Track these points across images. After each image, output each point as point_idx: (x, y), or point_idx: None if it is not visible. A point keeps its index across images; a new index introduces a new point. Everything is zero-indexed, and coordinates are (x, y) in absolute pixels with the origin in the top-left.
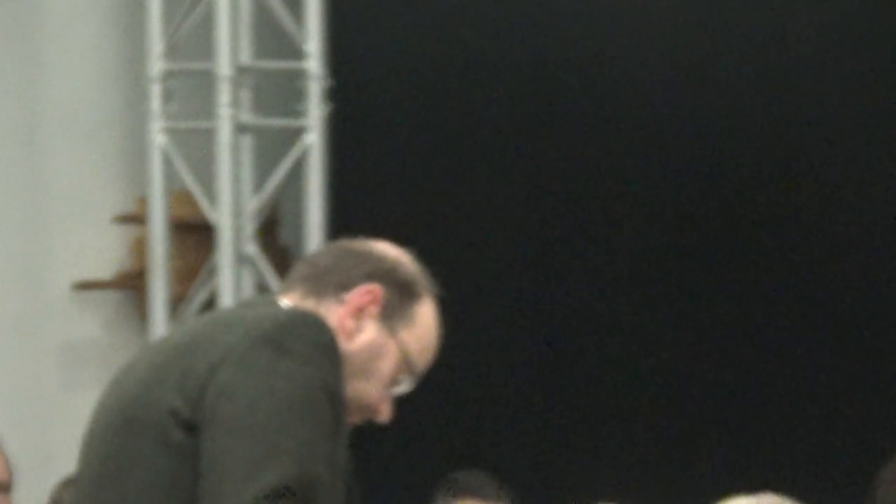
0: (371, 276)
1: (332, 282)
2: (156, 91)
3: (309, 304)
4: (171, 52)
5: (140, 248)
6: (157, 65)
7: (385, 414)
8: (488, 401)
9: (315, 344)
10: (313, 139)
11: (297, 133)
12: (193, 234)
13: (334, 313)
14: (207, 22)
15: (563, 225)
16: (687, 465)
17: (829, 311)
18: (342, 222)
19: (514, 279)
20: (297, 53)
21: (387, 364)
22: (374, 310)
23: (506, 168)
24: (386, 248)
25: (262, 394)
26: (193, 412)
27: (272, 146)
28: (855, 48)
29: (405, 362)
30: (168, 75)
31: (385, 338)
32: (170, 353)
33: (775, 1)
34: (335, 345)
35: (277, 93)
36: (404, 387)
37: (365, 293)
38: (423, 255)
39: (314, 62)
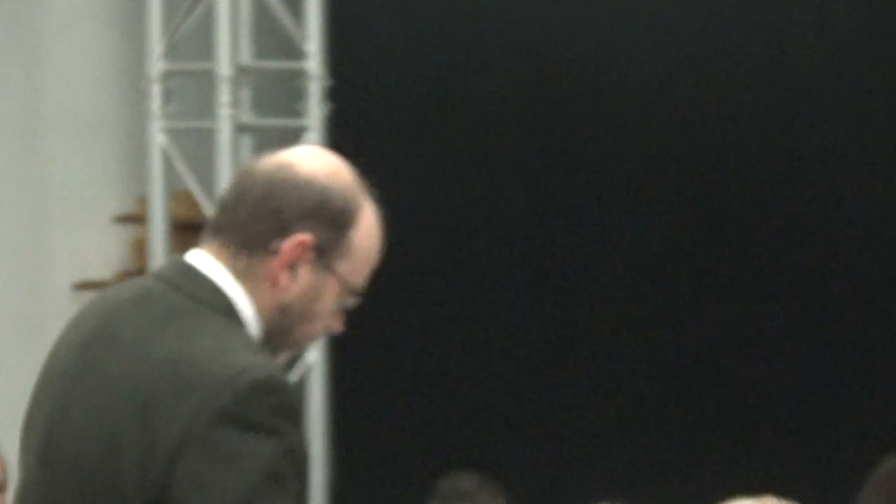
0: (301, 217)
1: (261, 233)
2: (156, 91)
3: (241, 265)
4: (171, 52)
5: (140, 248)
6: (157, 65)
7: (337, 327)
8: (486, 401)
9: (276, 411)
10: (313, 139)
11: (297, 133)
12: (193, 234)
13: (267, 268)
14: (207, 22)
15: (564, 224)
16: (688, 466)
17: (831, 312)
18: None
19: (514, 279)
20: (297, 53)
21: (328, 300)
22: (308, 256)
23: (507, 168)
24: (311, 170)
25: (231, 481)
26: (162, 502)
27: (272, 146)
28: (855, 48)
29: (347, 290)
30: (168, 75)
31: (323, 277)
32: (122, 402)
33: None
34: (294, 403)
35: (277, 93)
36: (350, 303)
37: (297, 246)
38: (424, 254)
39: (314, 62)
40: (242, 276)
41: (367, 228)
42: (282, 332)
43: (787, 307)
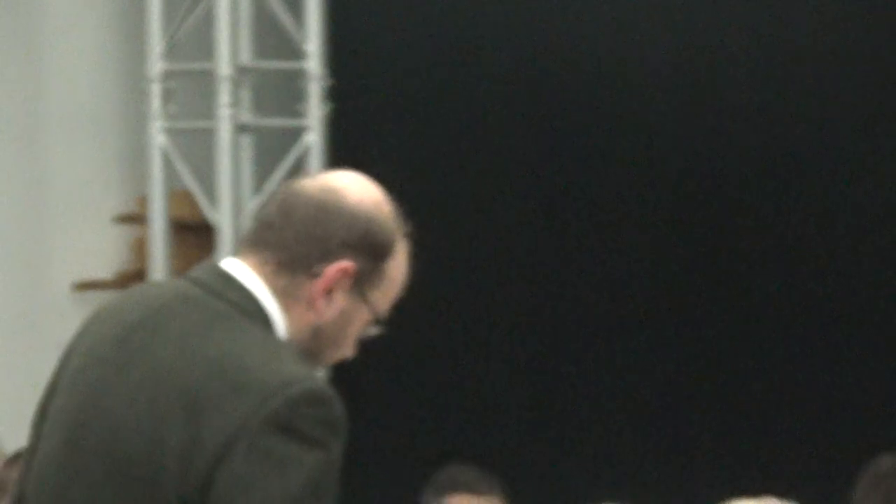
0: (346, 246)
1: (306, 255)
2: (156, 91)
3: (281, 283)
4: (171, 52)
5: (140, 248)
6: (157, 65)
7: (351, 354)
8: (485, 398)
9: (323, 422)
10: (313, 139)
11: (297, 133)
12: (193, 234)
13: (306, 290)
14: (207, 22)
15: (562, 224)
16: (688, 466)
17: (830, 312)
18: None
19: (513, 276)
20: (297, 53)
21: (356, 327)
22: (346, 282)
23: (507, 168)
24: (358, 199)
25: (274, 487)
26: (202, 499)
27: (272, 146)
28: (855, 48)
29: (374, 317)
30: (168, 75)
31: (356, 304)
32: (169, 394)
33: (775, 1)
34: (341, 419)
35: (277, 93)
36: (371, 332)
37: (339, 272)
38: (423, 253)
39: (314, 62)
40: (281, 294)
41: (400, 261)
42: (309, 353)
43: (787, 307)
